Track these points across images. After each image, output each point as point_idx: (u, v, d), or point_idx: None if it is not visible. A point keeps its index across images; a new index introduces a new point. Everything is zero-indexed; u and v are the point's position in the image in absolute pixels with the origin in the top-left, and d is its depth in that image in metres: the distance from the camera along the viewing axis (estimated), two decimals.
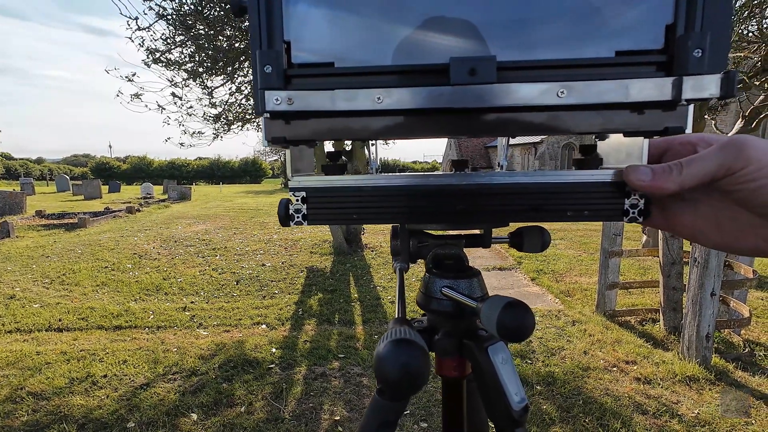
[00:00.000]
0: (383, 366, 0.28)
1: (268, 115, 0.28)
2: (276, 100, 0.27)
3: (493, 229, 0.45)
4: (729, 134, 5.21)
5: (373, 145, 0.55)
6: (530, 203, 0.33)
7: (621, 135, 0.36)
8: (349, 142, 5.87)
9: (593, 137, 0.40)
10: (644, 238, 5.91)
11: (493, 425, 0.39)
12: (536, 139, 21.56)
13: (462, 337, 0.42)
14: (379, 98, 0.27)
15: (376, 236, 7.09)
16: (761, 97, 4.95)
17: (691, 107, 0.27)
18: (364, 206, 0.34)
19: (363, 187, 0.34)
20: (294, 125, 0.31)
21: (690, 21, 0.25)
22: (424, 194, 0.34)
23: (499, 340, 0.39)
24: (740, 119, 5.36)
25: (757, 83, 4.15)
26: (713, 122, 6.19)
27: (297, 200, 0.35)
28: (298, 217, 0.35)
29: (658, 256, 3.28)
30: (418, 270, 4.40)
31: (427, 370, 0.28)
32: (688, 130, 0.28)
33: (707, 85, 0.25)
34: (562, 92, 0.26)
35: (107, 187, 21.75)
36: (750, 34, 3.86)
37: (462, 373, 0.44)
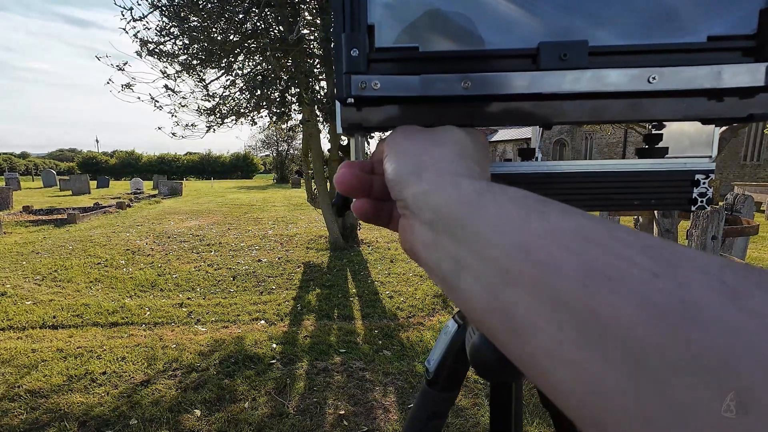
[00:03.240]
0: (480, 353, 0.28)
1: (353, 100, 0.27)
2: (361, 84, 0.27)
3: None
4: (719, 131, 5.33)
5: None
6: (599, 192, 0.33)
7: (683, 124, 0.36)
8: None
9: (649, 126, 0.40)
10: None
11: (549, 413, 0.39)
12: (527, 134, 21.68)
13: None
14: (466, 83, 0.27)
15: (372, 232, 7.09)
16: None
17: None
18: None
19: None
20: (366, 112, 0.30)
21: None
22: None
23: None
24: None
25: None
26: None
27: None
28: None
29: None
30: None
31: None
32: None
33: None
34: (654, 78, 0.26)
35: (95, 182, 21.40)
36: None
37: None
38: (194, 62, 4.46)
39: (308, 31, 4.41)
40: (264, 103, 5.25)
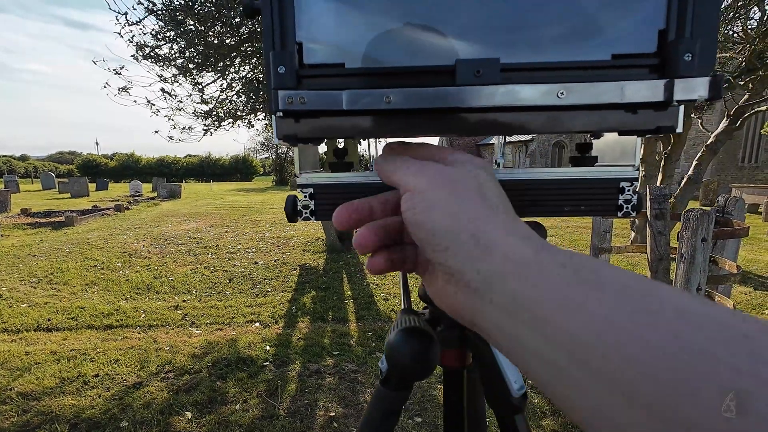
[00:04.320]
0: (395, 353, 0.29)
1: (281, 114, 0.29)
2: (288, 99, 0.28)
3: None
4: (714, 133, 5.29)
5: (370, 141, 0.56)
6: (530, 199, 0.35)
7: (616, 134, 0.38)
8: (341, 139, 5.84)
9: (588, 136, 0.42)
10: (632, 235, 6.02)
11: (493, 413, 0.40)
12: (527, 137, 21.79)
13: (463, 329, 0.43)
14: (388, 98, 0.28)
15: None
16: (746, 97, 5.07)
17: (681, 108, 0.29)
18: None
19: (371, 183, 0.35)
20: (304, 123, 0.32)
21: (681, 27, 0.26)
22: None
23: None
24: (725, 118, 5.48)
25: (742, 83, 4.25)
26: (699, 121, 6.32)
27: (305, 196, 0.36)
28: (306, 213, 0.36)
29: (646, 253, 3.34)
30: None
31: (436, 357, 0.30)
32: (679, 129, 0.29)
33: (696, 87, 0.26)
34: (562, 93, 0.27)
35: (94, 185, 21.42)
36: (735, 35, 3.94)
37: (463, 363, 0.45)
38: (190, 66, 4.48)
39: None
40: (260, 106, 5.28)
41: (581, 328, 0.18)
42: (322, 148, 0.43)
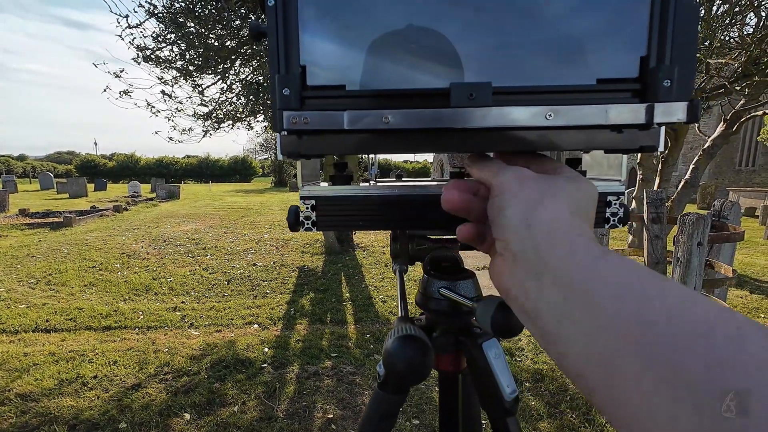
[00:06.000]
0: (391, 359, 0.31)
1: (285, 132, 0.31)
2: (293, 120, 0.30)
3: None
4: (711, 137, 5.32)
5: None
6: None
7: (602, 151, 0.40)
8: None
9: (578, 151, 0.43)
10: (630, 238, 6.05)
11: (486, 415, 0.42)
12: None
13: (458, 334, 0.45)
14: (386, 119, 0.30)
15: (368, 236, 7.11)
16: (741, 102, 5.12)
17: (662, 129, 0.31)
18: (369, 214, 0.37)
19: (369, 196, 0.37)
20: (306, 141, 0.34)
21: (661, 54, 0.28)
22: (425, 203, 0.37)
23: (492, 337, 0.42)
24: (722, 123, 5.53)
25: (738, 88, 4.28)
26: (697, 126, 6.36)
27: (307, 208, 0.38)
28: (307, 224, 0.38)
29: (642, 256, 3.37)
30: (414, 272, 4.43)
31: (430, 364, 0.31)
32: (661, 148, 0.31)
33: (675, 111, 0.28)
34: (550, 115, 0.29)
35: (93, 185, 21.39)
36: (731, 41, 3.98)
37: (458, 368, 0.47)
38: (191, 68, 4.50)
39: None
40: (260, 108, 5.30)
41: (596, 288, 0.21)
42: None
